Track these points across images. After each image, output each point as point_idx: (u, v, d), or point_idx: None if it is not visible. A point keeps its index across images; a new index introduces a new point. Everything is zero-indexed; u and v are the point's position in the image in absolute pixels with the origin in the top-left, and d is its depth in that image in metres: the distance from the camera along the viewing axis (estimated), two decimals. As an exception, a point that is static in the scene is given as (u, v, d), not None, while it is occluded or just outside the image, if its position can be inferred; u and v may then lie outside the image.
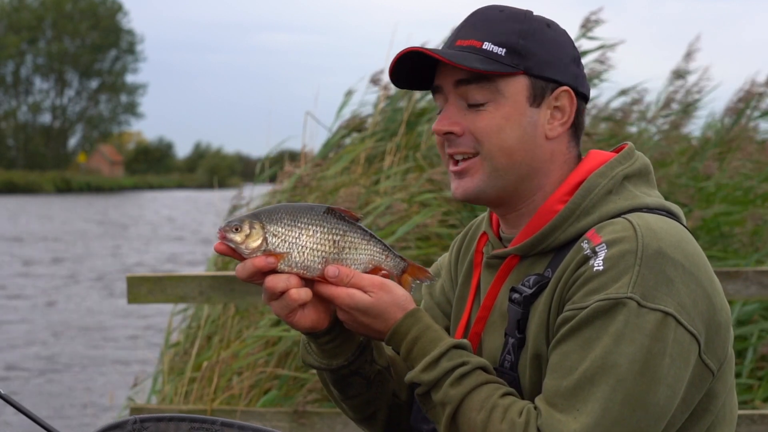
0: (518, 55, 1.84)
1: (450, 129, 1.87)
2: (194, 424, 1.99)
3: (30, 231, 32.12)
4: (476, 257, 2.01)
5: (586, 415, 1.67)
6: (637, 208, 1.83)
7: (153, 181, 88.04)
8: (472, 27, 1.88)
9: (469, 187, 1.88)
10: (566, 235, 1.84)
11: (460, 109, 1.87)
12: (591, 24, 7.47)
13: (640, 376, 1.68)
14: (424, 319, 1.84)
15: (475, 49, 1.85)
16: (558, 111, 1.88)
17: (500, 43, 1.84)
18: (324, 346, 1.89)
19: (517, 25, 1.86)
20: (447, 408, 1.77)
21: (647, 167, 1.92)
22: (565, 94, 1.88)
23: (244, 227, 1.77)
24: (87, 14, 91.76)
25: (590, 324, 1.71)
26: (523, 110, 1.86)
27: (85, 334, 13.75)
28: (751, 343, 5.48)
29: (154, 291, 4.54)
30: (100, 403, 9.60)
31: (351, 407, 2.00)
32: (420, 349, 1.81)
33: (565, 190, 1.87)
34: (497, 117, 1.84)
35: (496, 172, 1.86)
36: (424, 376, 1.79)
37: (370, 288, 1.81)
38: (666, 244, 1.73)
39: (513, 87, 1.85)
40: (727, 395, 1.85)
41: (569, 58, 1.89)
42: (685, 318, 1.71)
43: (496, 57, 1.84)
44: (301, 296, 1.79)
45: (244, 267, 1.78)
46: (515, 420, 1.72)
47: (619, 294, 1.70)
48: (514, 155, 1.85)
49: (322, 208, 1.81)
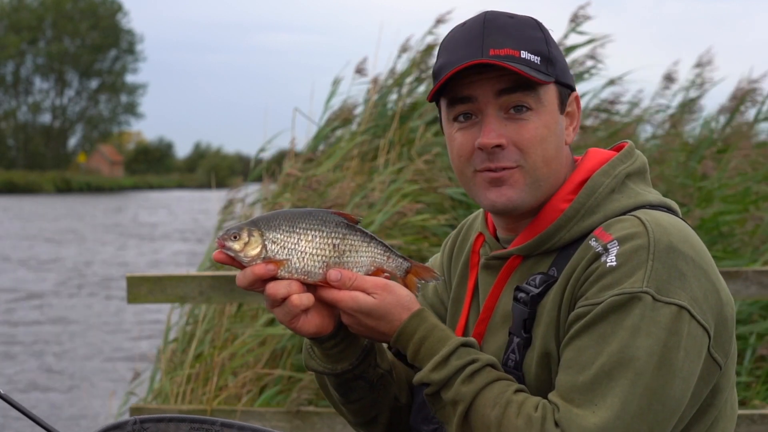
0: (550, 63, 1.85)
1: (498, 142, 1.83)
2: (194, 424, 1.99)
3: (30, 231, 32.12)
4: (472, 258, 2.00)
5: (606, 410, 1.67)
6: (641, 205, 1.84)
7: (153, 181, 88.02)
8: (499, 35, 1.84)
9: (512, 197, 1.85)
10: (571, 234, 1.84)
11: (501, 121, 1.84)
12: (580, 19, 7.47)
13: (657, 369, 1.68)
14: (430, 318, 1.84)
15: (515, 58, 1.82)
16: (569, 116, 1.91)
17: (535, 51, 1.84)
18: (329, 350, 1.88)
19: (538, 33, 1.87)
20: (459, 406, 1.77)
21: (645, 165, 1.93)
22: (575, 100, 1.92)
23: (243, 235, 1.76)
24: (87, 14, 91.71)
25: (605, 319, 1.71)
26: (557, 118, 1.87)
27: (85, 333, 13.75)
28: (750, 344, 5.48)
29: (154, 291, 4.55)
30: (100, 404, 9.60)
31: (352, 411, 2.00)
32: (428, 349, 1.81)
33: (568, 189, 1.88)
34: (540, 126, 1.84)
35: (536, 183, 1.86)
36: (434, 376, 1.79)
37: (374, 290, 1.80)
38: (675, 239, 1.75)
39: (549, 95, 1.86)
40: (730, 390, 1.86)
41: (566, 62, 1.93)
42: (698, 312, 1.72)
43: (535, 66, 1.83)
44: (303, 302, 1.78)
45: (245, 275, 1.78)
46: (531, 414, 1.71)
47: (635, 288, 1.70)
48: (552, 164, 1.86)
49: (321, 213, 1.80)
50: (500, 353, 1.88)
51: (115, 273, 20.36)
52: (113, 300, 16.72)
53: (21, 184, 69.82)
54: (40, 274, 20.51)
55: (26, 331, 13.83)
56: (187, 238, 29.19)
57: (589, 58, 7.48)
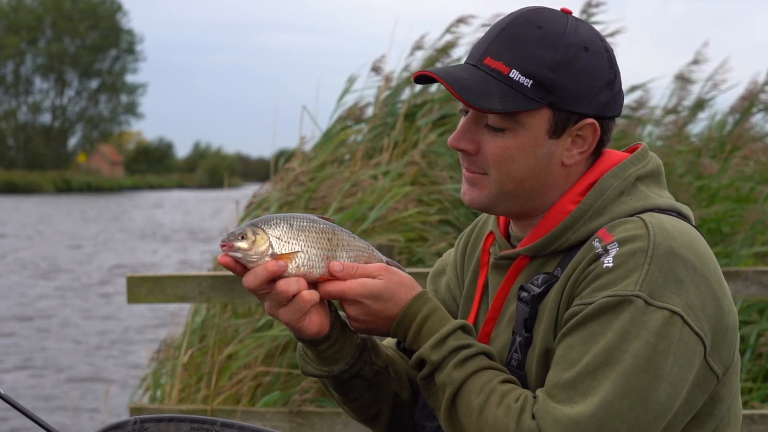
0: (545, 89, 1.79)
1: (464, 147, 1.85)
2: (194, 424, 1.99)
3: (30, 230, 32.13)
4: (483, 257, 2.00)
5: (584, 406, 1.67)
6: (649, 208, 1.82)
7: (153, 181, 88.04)
8: (505, 46, 1.81)
9: (475, 198, 1.88)
10: (577, 235, 1.83)
11: (478, 127, 1.84)
12: (592, 10, 7.43)
13: (642, 372, 1.67)
14: (433, 299, 1.86)
15: (501, 75, 1.79)
16: (580, 139, 1.84)
17: (529, 73, 1.78)
18: (324, 352, 1.89)
19: (550, 54, 1.79)
20: (447, 390, 1.78)
21: (659, 168, 1.90)
22: (590, 126, 1.83)
23: (249, 234, 1.78)
24: (87, 14, 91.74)
25: (596, 319, 1.71)
26: (540, 142, 1.82)
27: (85, 333, 13.75)
28: (749, 345, 5.48)
29: (154, 291, 4.55)
30: (99, 404, 9.60)
31: (354, 409, 2.00)
32: (429, 328, 1.82)
33: (577, 190, 1.86)
34: (512, 147, 1.81)
35: (505, 196, 1.85)
36: (432, 355, 1.80)
37: (377, 273, 1.82)
38: (678, 244, 1.73)
39: (534, 119, 1.81)
40: (732, 400, 1.84)
41: (601, 85, 1.82)
42: (692, 318, 1.71)
43: (521, 88, 1.78)
44: (313, 297, 1.79)
45: (255, 274, 1.77)
46: (511, 405, 1.72)
47: (627, 291, 1.70)
48: (524, 183, 1.84)
49: (305, 213, 1.85)
50: (504, 352, 1.88)
51: (115, 273, 20.37)
52: (113, 300, 16.71)
53: (21, 184, 69.84)
54: (40, 273, 20.51)
55: (26, 332, 13.84)
56: (187, 238, 29.19)
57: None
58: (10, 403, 1.97)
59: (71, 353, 12.41)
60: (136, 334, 13.40)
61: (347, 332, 1.90)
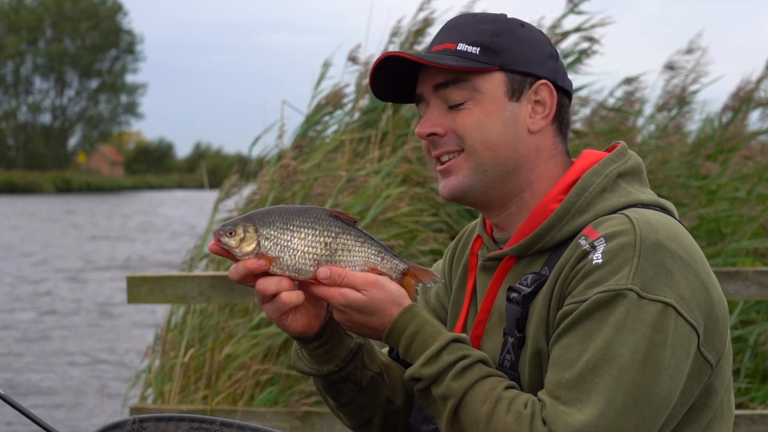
0: (492, 52, 1.88)
1: (432, 130, 1.90)
2: (193, 424, 2.00)
3: (30, 229, 32.14)
4: (471, 260, 2.02)
5: (591, 407, 1.68)
6: (632, 204, 1.85)
7: (153, 181, 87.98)
8: (447, 32, 1.93)
9: (454, 185, 1.90)
10: (562, 233, 1.85)
11: (441, 111, 1.90)
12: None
13: (642, 366, 1.69)
14: (422, 314, 1.84)
15: (449, 51, 1.89)
16: (539, 105, 1.90)
17: (474, 42, 1.88)
18: (314, 351, 1.90)
19: (489, 26, 1.90)
20: (449, 402, 1.77)
21: (639, 165, 1.94)
22: (545, 87, 1.90)
23: (238, 231, 1.79)
24: (87, 14, 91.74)
25: (591, 316, 1.72)
26: (502, 105, 1.88)
27: (85, 333, 13.75)
28: (749, 345, 5.47)
29: (154, 291, 4.55)
30: (99, 403, 9.60)
31: (345, 414, 2.01)
32: (419, 344, 1.81)
33: (559, 189, 1.89)
34: (477, 113, 1.87)
35: (480, 168, 1.88)
36: (425, 371, 1.79)
37: (363, 286, 1.81)
38: (663, 236, 1.75)
39: (490, 83, 1.88)
40: (725, 391, 1.85)
41: (545, 54, 1.92)
42: (684, 309, 1.72)
43: (471, 56, 1.87)
44: (293, 299, 1.80)
45: (237, 269, 1.80)
46: (521, 411, 1.72)
47: (619, 286, 1.71)
48: (498, 149, 1.87)
49: (316, 211, 1.82)
50: (496, 354, 1.88)
51: (115, 273, 20.37)
52: (113, 299, 16.72)
53: (21, 184, 69.84)
54: (39, 273, 20.51)
55: (26, 331, 13.84)
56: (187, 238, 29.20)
57: (587, 40, 7.18)
58: (10, 403, 1.97)
59: (71, 353, 12.41)
60: (135, 333, 13.39)
61: (342, 334, 1.90)
